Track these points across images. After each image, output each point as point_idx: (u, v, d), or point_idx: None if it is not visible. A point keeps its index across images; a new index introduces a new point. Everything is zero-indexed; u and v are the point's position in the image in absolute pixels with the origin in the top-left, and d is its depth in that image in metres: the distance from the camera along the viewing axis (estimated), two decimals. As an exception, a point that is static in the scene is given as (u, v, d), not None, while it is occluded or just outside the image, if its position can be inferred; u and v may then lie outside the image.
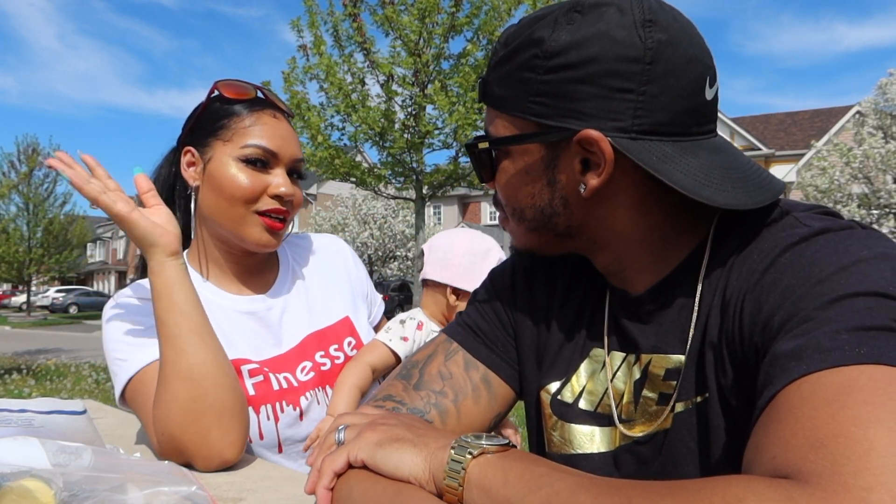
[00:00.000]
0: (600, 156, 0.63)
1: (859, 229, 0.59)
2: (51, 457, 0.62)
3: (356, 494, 0.59)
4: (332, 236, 1.39)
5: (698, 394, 0.65)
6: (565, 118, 0.64)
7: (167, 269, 0.96)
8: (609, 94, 0.62)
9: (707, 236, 0.68)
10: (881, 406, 0.43)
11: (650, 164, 0.62)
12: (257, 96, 1.16)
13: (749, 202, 0.62)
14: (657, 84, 0.62)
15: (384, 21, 8.59)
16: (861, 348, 0.47)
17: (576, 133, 0.63)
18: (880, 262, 0.53)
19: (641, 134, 0.63)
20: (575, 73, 0.63)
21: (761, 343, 0.55)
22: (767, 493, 0.41)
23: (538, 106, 0.65)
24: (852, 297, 0.50)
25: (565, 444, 0.77)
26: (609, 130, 0.63)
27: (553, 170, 0.68)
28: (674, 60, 0.62)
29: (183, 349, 0.93)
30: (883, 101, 14.89)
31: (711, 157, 0.65)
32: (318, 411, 1.14)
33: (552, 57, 0.64)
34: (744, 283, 0.60)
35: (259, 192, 1.09)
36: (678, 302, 0.68)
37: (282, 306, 1.19)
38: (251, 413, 1.06)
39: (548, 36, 0.64)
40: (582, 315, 0.79)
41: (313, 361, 1.17)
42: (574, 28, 0.63)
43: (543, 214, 0.70)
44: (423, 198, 9.83)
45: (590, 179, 0.65)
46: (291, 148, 1.13)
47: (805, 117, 28.29)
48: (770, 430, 0.47)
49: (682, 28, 0.64)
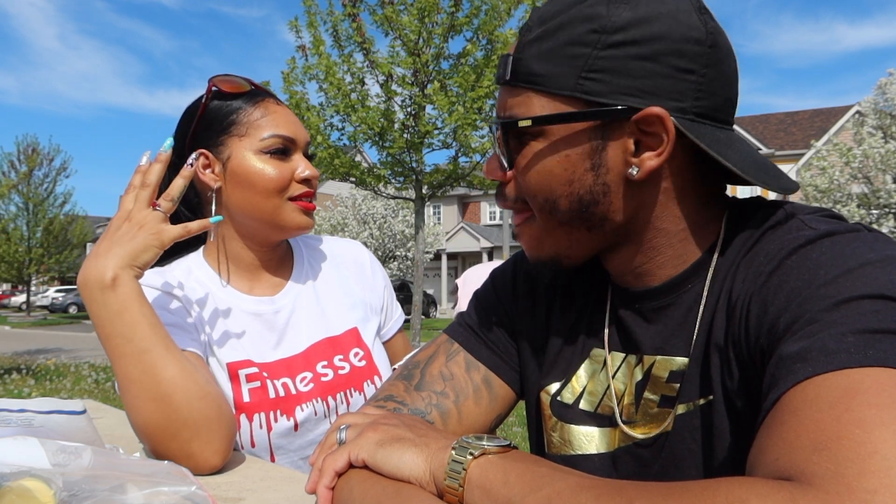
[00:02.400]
0: (661, 136, 0.62)
1: (865, 232, 0.59)
2: (50, 456, 0.62)
3: (357, 494, 0.59)
4: (354, 242, 1.36)
5: (702, 396, 0.64)
6: (624, 96, 0.62)
7: (133, 281, 0.91)
8: (673, 73, 0.62)
9: (717, 238, 0.68)
10: (886, 409, 0.43)
11: (710, 144, 0.62)
12: (252, 88, 1.16)
13: (780, 187, 0.64)
14: (715, 68, 0.63)
15: (384, 21, 8.59)
16: (867, 351, 0.47)
17: (636, 112, 0.62)
18: (886, 264, 0.53)
19: (698, 117, 0.63)
20: (639, 50, 0.61)
21: (767, 345, 0.55)
22: (770, 495, 0.41)
23: (592, 83, 0.62)
24: (858, 300, 0.50)
25: (565, 444, 0.77)
26: (671, 110, 0.62)
27: (601, 152, 0.64)
28: (724, 48, 0.64)
29: (153, 365, 0.88)
30: (882, 101, 14.91)
31: (744, 146, 0.66)
32: (314, 423, 1.11)
33: (613, 32, 0.61)
34: (750, 285, 0.60)
35: (288, 179, 1.11)
36: (686, 303, 0.68)
37: (289, 310, 1.18)
38: (244, 420, 1.05)
39: (605, 12, 0.62)
40: (583, 315, 0.78)
41: (314, 372, 1.14)
42: (632, 6, 0.62)
43: (581, 203, 0.66)
44: (422, 198, 9.82)
45: (646, 161, 0.64)
46: (303, 131, 1.16)
47: (805, 117, 28.31)
48: (774, 432, 0.47)
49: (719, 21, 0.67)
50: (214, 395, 0.92)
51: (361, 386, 1.18)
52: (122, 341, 0.88)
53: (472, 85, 8.57)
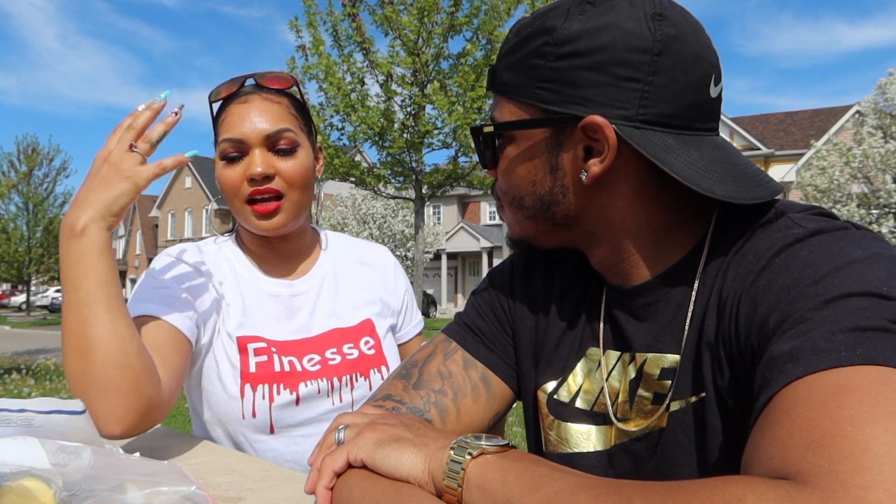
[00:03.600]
0: (603, 143, 0.64)
1: (854, 230, 0.59)
2: (50, 456, 0.62)
3: (356, 494, 0.60)
4: (381, 247, 1.40)
5: (694, 393, 0.65)
6: (571, 104, 0.65)
7: (101, 233, 0.91)
8: (616, 82, 0.63)
9: (705, 236, 0.69)
10: (877, 406, 0.43)
11: (652, 152, 0.63)
12: (238, 89, 1.16)
13: (747, 197, 0.63)
14: (663, 76, 0.63)
15: (383, 21, 8.59)
16: (857, 349, 0.47)
17: (581, 119, 0.64)
18: (874, 262, 0.53)
19: (645, 124, 0.64)
20: (584, 61, 0.64)
21: (757, 344, 0.55)
22: (767, 493, 0.41)
23: (545, 92, 0.66)
24: (847, 298, 0.51)
25: (561, 442, 0.77)
26: (614, 118, 0.64)
27: (556, 156, 0.68)
28: (681, 55, 0.63)
29: (87, 318, 0.88)
30: (882, 101, 14.90)
31: (713, 153, 0.66)
32: (316, 400, 1.14)
33: (562, 44, 0.65)
34: (739, 283, 0.61)
35: (238, 183, 1.11)
36: (675, 300, 0.68)
37: (307, 296, 1.22)
38: (248, 389, 1.09)
39: (559, 24, 0.65)
40: (579, 314, 0.79)
41: (322, 356, 1.17)
42: (586, 18, 0.65)
43: (543, 202, 0.71)
44: (422, 197, 9.82)
45: (592, 166, 0.66)
46: (258, 126, 1.11)
47: (804, 117, 28.31)
48: (767, 432, 0.47)
49: (690, 26, 0.65)
50: (137, 366, 0.90)
51: (368, 373, 1.20)
52: (71, 289, 0.89)
53: (471, 85, 8.58)
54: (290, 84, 1.19)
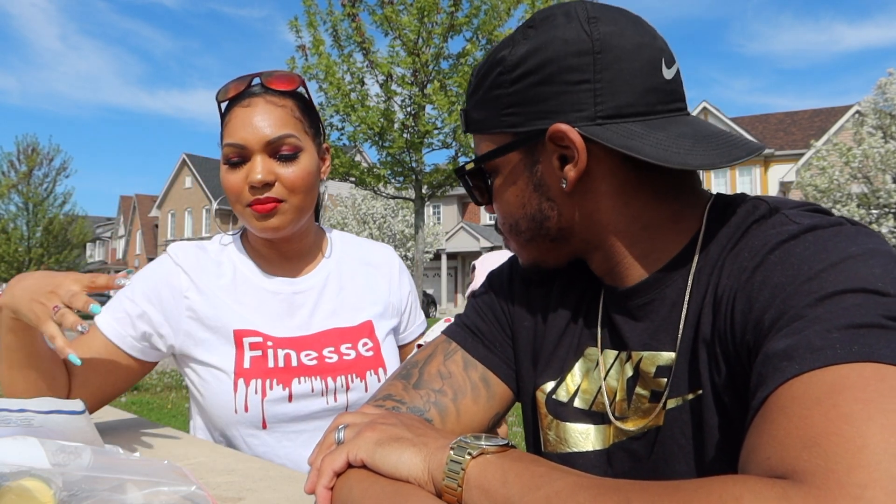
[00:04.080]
0: (572, 147, 0.66)
1: (848, 226, 0.59)
2: (50, 456, 0.62)
3: (355, 494, 0.60)
4: (387, 247, 1.41)
5: (691, 390, 0.65)
6: (535, 121, 0.68)
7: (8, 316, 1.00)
8: (568, 88, 0.66)
9: (698, 233, 0.69)
10: (872, 403, 0.43)
11: (617, 142, 0.64)
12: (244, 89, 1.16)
13: (723, 160, 0.63)
14: (610, 70, 0.65)
15: (383, 21, 8.60)
16: (852, 346, 0.47)
17: (545, 131, 0.67)
18: (869, 258, 0.53)
19: (607, 119, 0.66)
20: (535, 78, 0.68)
21: (753, 342, 0.55)
22: (764, 492, 0.41)
23: (511, 117, 0.70)
24: (841, 294, 0.51)
25: (561, 442, 0.77)
26: (575, 121, 0.66)
27: (536, 173, 0.71)
28: (622, 47, 0.66)
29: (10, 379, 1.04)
30: (882, 101, 14.91)
31: (680, 129, 0.67)
32: (309, 398, 1.14)
33: (514, 69, 0.69)
34: (734, 280, 0.61)
35: (240, 187, 1.12)
36: (669, 298, 0.69)
37: (308, 294, 1.22)
38: (241, 384, 1.11)
39: (508, 53, 0.70)
40: (577, 314, 0.79)
41: (319, 354, 1.18)
42: (529, 41, 0.69)
43: (535, 221, 0.73)
44: (422, 197, 9.83)
45: (568, 172, 0.68)
46: (261, 131, 1.11)
47: (804, 117, 28.32)
48: (764, 431, 0.47)
49: (627, 19, 0.69)
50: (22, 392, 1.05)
51: (364, 374, 1.20)
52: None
53: (471, 85, 8.57)
54: (295, 84, 1.18)
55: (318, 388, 1.15)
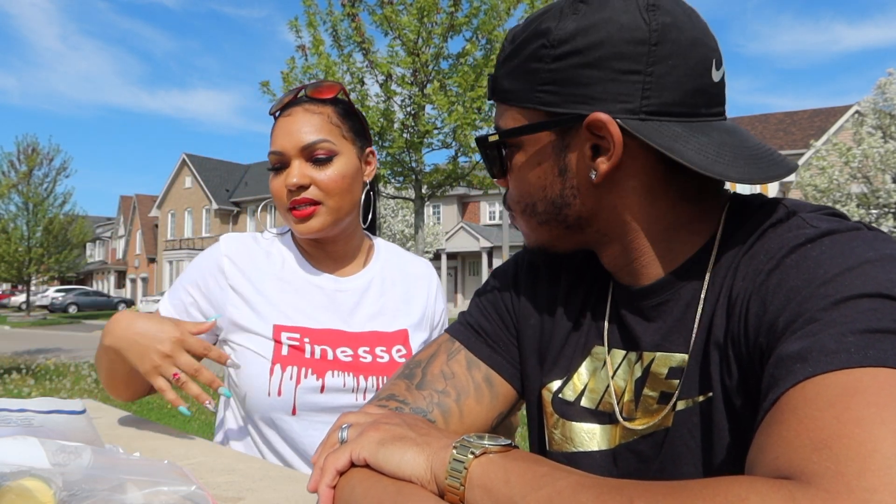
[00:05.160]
0: (609, 139, 0.64)
1: (866, 231, 0.58)
2: (50, 456, 0.62)
3: (358, 493, 0.59)
4: (426, 261, 1.46)
5: (701, 393, 0.64)
6: (574, 104, 0.65)
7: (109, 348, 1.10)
8: (616, 76, 0.63)
9: (715, 233, 0.68)
10: (885, 408, 0.43)
11: (660, 142, 0.62)
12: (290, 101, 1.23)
13: (763, 177, 0.62)
14: (663, 64, 0.62)
15: (383, 21, 8.58)
16: (867, 351, 0.46)
17: (584, 118, 0.64)
18: (886, 263, 0.53)
19: (650, 115, 0.63)
20: (582, 59, 0.63)
21: (766, 344, 0.55)
22: (770, 494, 0.41)
23: (546, 95, 0.66)
24: (858, 299, 0.50)
25: (566, 442, 0.77)
26: (618, 113, 0.63)
27: (563, 158, 0.68)
28: (679, 42, 0.63)
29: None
30: (882, 101, 14.90)
31: (722, 137, 0.65)
32: (340, 392, 1.18)
33: (559, 45, 0.64)
34: (750, 283, 0.60)
35: (281, 192, 1.20)
36: (684, 299, 0.68)
37: (351, 294, 1.27)
38: (277, 369, 1.16)
39: (554, 26, 0.65)
40: (584, 313, 0.78)
41: (354, 352, 1.21)
42: (579, 17, 0.64)
43: (554, 206, 0.70)
44: (422, 197, 9.82)
45: (600, 164, 0.65)
46: (296, 138, 1.18)
47: (804, 117, 28.32)
48: (773, 432, 0.47)
49: (684, 12, 0.65)
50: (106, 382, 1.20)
51: None
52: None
53: (471, 85, 8.56)
54: (334, 92, 1.25)
55: (349, 383, 1.18)
